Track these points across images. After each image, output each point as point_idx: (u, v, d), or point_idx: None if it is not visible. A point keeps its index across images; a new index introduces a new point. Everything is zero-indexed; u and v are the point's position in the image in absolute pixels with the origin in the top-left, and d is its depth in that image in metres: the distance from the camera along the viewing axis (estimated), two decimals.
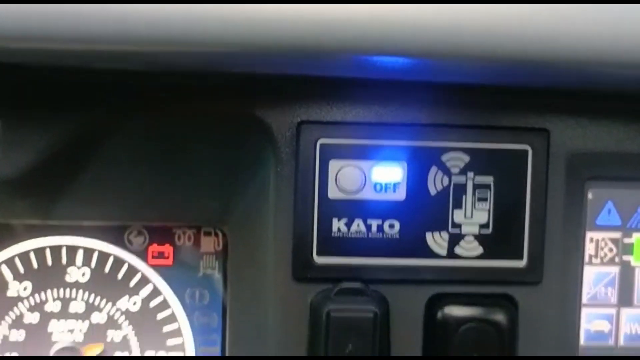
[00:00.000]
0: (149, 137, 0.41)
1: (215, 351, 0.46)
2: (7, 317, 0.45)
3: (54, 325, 0.46)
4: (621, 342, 0.44)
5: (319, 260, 0.40)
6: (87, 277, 0.46)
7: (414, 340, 0.41)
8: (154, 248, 0.46)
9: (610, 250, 0.44)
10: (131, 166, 0.42)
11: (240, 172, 0.42)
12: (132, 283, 0.46)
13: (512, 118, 0.40)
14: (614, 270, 0.44)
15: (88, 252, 0.46)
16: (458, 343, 0.40)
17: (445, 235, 0.40)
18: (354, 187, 0.40)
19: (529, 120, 0.40)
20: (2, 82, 0.38)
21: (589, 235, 0.43)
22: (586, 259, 0.44)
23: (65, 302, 0.46)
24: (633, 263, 0.44)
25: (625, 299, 0.44)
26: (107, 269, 0.46)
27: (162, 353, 0.46)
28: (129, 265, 0.46)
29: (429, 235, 0.40)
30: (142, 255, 0.46)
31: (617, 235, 0.44)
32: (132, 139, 0.41)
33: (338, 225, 0.40)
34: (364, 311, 0.39)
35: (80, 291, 0.46)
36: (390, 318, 0.40)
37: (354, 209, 0.40)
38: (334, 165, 0.39)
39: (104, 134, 0.40)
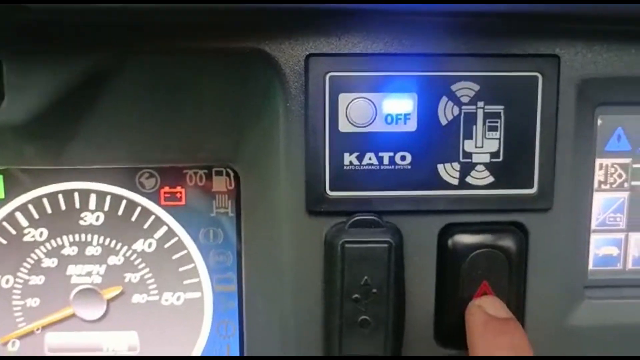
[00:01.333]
0: (156, 77, 0.41)
1: (232, 289, 0.47)
2: (25, 263, 0.46)
3: (72, 269, 0.47)
4: (629, 265, 0.45)
5: (332, 194, 0.40)
6: (102, 220, 0.46)
7: (427, 270, 0.42)
8: (166, 190, 0.46)
9: (620, 176, 0.44)
10: (139, 107, 0.42)
11: (249, 108, 0.42)
12: (146, 225, 0.46)
13: (521, 45, 0.40)
14: (623, 195, 0.44)
15: (101, 196, 0.46)
16: (468, 269, 0.41)
17: (456, 165, 0.40)
18: (364, 120, 0.40)
19: (538, 46, 0.40)
20: (6, 25, 0.38)
21: (599, 161, 0.44)
22: (595, 185, 0.44)
23: (82, 245, 0.46)
24: None
25: (633, 224, 0.45)
26: (120, 212, 0.46)
27: (179, 293, 0.47)
28: (142, 207, 0.46)
29: (440, 166, 0.40)
30: (155, 197, 0.46)
31: (626, 161, 0.44)
32: (140, 80, 0.41)
33: (350, 158, 0.40)
34: (379, 242, 0.39)
35: (96, 235, 0.46)
36: (404, 248, 0.41)
37: (365, 141, 0.40)
38: (343, 98, 0.39)
39: (111, 75, 0.40)
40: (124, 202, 0.46)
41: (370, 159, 0.40)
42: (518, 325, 0.39)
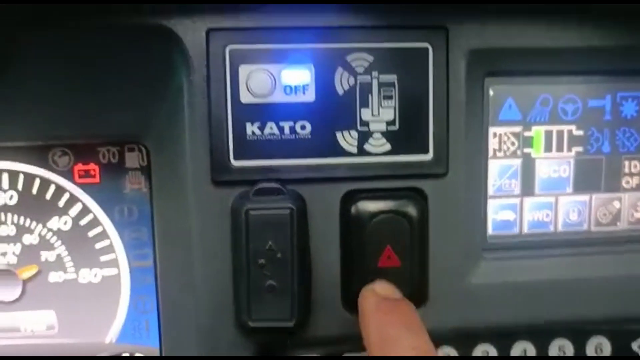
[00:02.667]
0: (61, 53, 0.42)
1: (148, 265, 0.48)
2: None
3: None
4: (525, 229, 0.48)
5: (236, 163, 0.42)
6: (15, 200, 0.47)
7: (332, 236, 0.44)
8: (80, 167, 0.47)
9: (513, 143, 0.47)
10: (46, 84, 0.42)
11: (154, 83, 0.43)
12: (61, 203, 0.47)
13: (412, 18, 0.42)
14: (516, 162, 0.47)
15: (13, 175, 0.46)
16: (371, 234, 0.43)
17: (354, 133, 0.42)
18: (264, 91, 0.41)
19: (428, 19, 0.42)
20: None
21: (492, 130, 0.46)
22: (490, 152, 0.47)
23: None
24: (533, 155, 0.47)
25: (527, 189, 0.47)
26: (34, 191, 0.47)
27: (96, 270, 0.48)
28: (57, 185, 0.47)
29: (339, 134, 0.42)
30: (69, 175, 0.47)
31: (518, 129, 0.47)
32: (44, 57, 0.42)
33: (252, 128, 0.42)
34: (281, 208, 0.41)
35: (9, 214, 0.47)
36: (308, 216, 0.43)
37: (266, 112, 0.41)
38: (244, 70, 0.41)
39: (14, 52, 0.41)
40: (37, 180, 0.47)
41: (271, 128, 0.42)
42: (409, 304, 0.40)
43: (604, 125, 0.47)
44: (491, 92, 0.46)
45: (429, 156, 0.43)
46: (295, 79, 0.41)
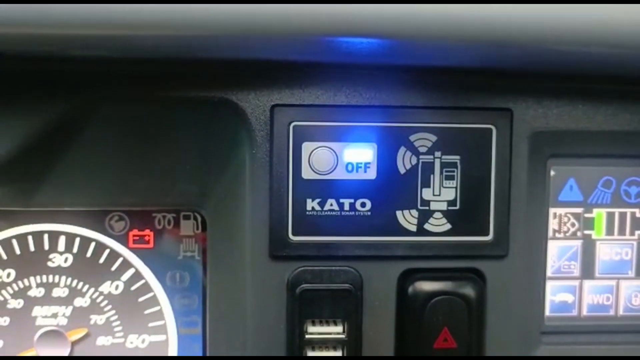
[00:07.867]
0: (127, 124, 0.42)
1: (197, 332, 0.48)
2: None
3: (37, 310, 0.47)
4: (584, 312, 0.46)
5: (295, 238, 0.41)
6: (70, 262, 0.47)
7: (387, 315, 0.43)
8: (135, 233, 0.47)
9: (573, 225, 0.46)
10: (111, 152, 0.43)
11: (216, 155, 0.43)
12: (114, 267, 0.47)
13: (477, 99, 0.42)
14: (576, 244, 0.46)
15: (70, 238, 0.47)
16: (428, 315, 0.42)
17: (414, 212, 0.42)
18: (326, 168, 0.41)
19: (493, 100, 0.42)
20: None
21: (552, 210, 0.45)
22: (550, 233, 0.46)
23: (49, 287, 0.47)
24: (594, 237, 0.46)
25: (587, 272, 0.46)
26: (89, 254, 0.47)
27: (144, 336, 0.48)
28: (111, 249, 0.47)
29: (399, 213, 0.42)
30: (123, 239, 0.47)
31: (578, 210, 0.46)
32: (111, 126, 0.42)
33: (312, 204, 0.41)
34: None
35: (63, 276, 0.47)
36: (364, 293, 0.42)
37: (327, 188, 0.41)
38: (307, 146, 0.41)
39: (82, 121, 0.41)
40: (92, 244, 0.47)
41: (331, 205, 0.41)
42: None
43: None
44: (552, 173, 0.45)
45: (489, 237, 0.42)
46: (358, 157, 0.41)
